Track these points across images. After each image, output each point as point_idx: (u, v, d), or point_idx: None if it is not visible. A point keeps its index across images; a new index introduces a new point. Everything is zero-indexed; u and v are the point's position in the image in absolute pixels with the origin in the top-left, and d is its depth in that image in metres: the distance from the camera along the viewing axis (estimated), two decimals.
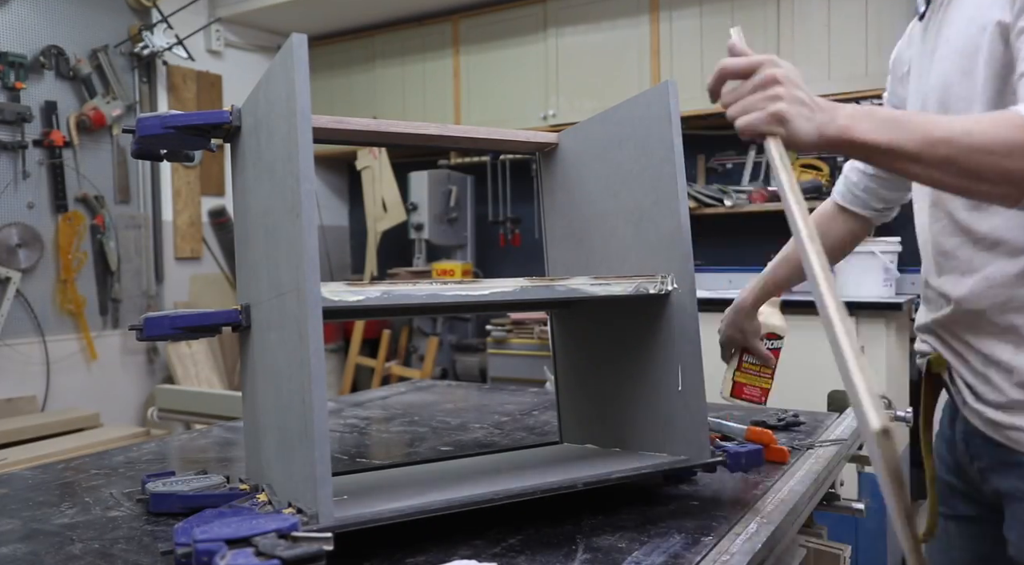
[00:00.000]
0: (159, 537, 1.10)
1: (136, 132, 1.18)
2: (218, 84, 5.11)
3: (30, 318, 4.20)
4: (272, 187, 1.12)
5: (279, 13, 5.02)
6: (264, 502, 1.11)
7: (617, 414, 1.42)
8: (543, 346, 3.96)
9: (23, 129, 4.14)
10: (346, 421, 2.00)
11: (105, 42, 4.50)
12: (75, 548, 1.07)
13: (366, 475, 1.33)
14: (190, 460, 1.61)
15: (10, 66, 4.08)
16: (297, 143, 1.00)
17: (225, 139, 1.27)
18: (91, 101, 4.39)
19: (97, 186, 4.46)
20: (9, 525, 1.17)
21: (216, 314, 1.22)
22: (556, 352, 1.56)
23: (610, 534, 1.09)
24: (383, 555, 1.04)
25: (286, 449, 1.10)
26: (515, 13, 4.79)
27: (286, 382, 1.08)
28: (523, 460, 1.41)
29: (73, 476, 1.46)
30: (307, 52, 1.03)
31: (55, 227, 4.31)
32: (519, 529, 1.12)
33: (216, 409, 3.67)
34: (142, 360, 4.74)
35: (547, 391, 2.47)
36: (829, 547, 1.59)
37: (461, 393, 2.46)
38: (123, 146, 4.54)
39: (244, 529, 0.93)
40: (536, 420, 1.94)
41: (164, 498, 1.19)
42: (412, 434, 1.81)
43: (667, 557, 0.99)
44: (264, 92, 1.14)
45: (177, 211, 4.91)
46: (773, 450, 1.39)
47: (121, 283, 4.58)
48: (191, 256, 4.99)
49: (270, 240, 1.14)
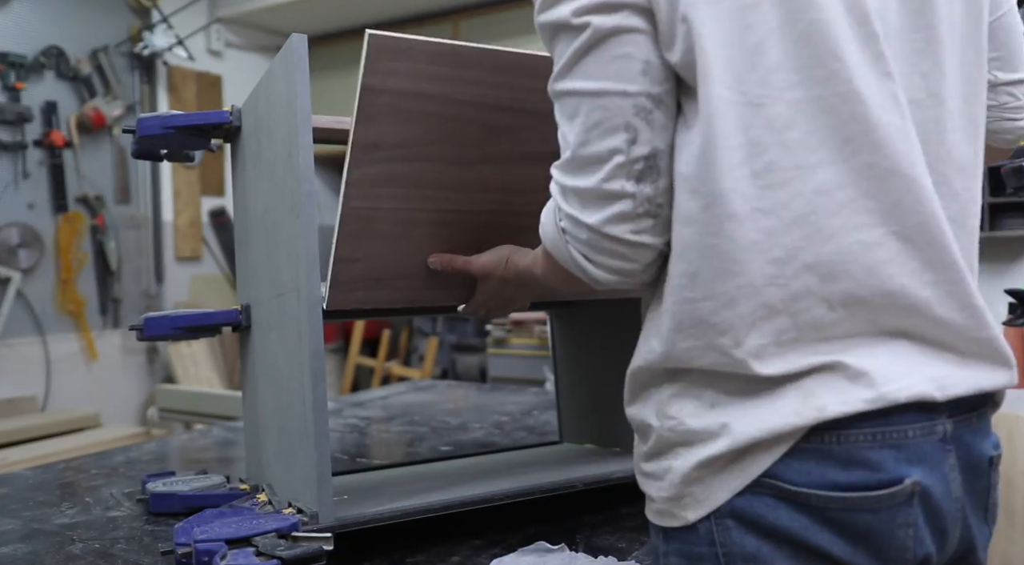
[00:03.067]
0: (159, 537, 1.10)
1: (136, 132, 1.18)
2: (218, 84, 5.11)
3: (30, 318, 4.20)
4: (272, 187, 1.12)
5: (279, 13, 5.02)
6: (264, 502, 1.11)
7: (617, 414, 1.42)
8: (543, 346, 3.96)
9: (23, 129, 4.14)
10: (346, 421, 2.00)
11: (105, 42, 4.50)
12: (75, 548, 1.07)
13: (366, 475, 1.33)
14: (190, 460, 1.61)
15: (10, 66, 4.08)
16: (297, 143, 1.00)
17: (225, 139, 1.27)
18: (91, 101, 4.39)
19: (97, 186, 4.46)
20: (9, 525, 1.18)
21: (216, 314, 1.22)
22: (556, 352, 1.56)
23: (610, 534, 1.09)
24: (383, 555, 1.04)
25: (286, 449, 1.10)
26: (515, 13, 4.78)
27: (286, 382, 1.09)
28: (523, 460, 1.41)
29: (73, 476, 1.47)
30: (307, 52, 1.03)
31: (55, 227, 4.31)
32: (519, 529, 1.12)
33: (216, 409, 3.67)
34: (142, 360, 4.74)
35: (547, 391, 2.47)
36: None
37: (461, 393, 2.46)
38: (123, 146, 4.54)
39: (244, 529, 0.93)
40: (536, 420, 1.94)
41: (164, 498, 1.20)
42: (412, 434, 1.81)
43: None
44: (264, 92, 1.14)
45: (177, 211, 4.91)
46: None
47: (121, 283, 4.58)
48: (191, 256, 4.99)
49: (270, 240, 1.14)
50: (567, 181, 0.69)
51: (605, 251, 0.68)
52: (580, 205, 0.68)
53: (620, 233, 0.67)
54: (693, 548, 0.68)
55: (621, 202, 0.66)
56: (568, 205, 0.69)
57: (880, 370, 0.63)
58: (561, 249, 0.72)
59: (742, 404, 0.65)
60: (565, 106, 0.68)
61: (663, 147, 0.67)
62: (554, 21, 0.67)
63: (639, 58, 0.65)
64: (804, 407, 0.63)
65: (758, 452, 0.64)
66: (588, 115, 0.66)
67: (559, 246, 0.72)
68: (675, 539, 0.70)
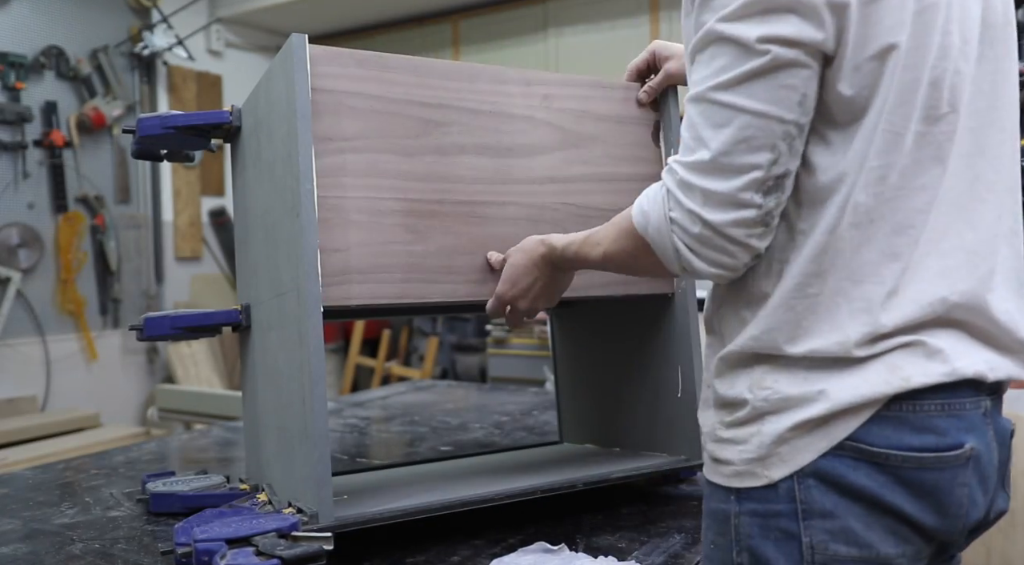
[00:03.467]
0: (159, 537, 1.10)
1: (136, 132, 1.18)
2: (218, 84, 5.11)
3: (30, 318, 4.20)
4: (272, 187, 1.12)
5: (279, 13, 5.02)
6: (264, 502, 1.11)
7: (617, 414, 1.42)
8: (543, 346, 3.96)
9: (23, 129, 4.14)
10: (346, 421, 2.00)
11: (105, 42, 4.50)
12: (75, 548, 1.07)
13: (366, 475, 1.33)
14: (190, 460, 1.61)
15: (10, 66, 4.08)
16: (297, 143, 1.00)
17: (225, 139, 1.27)
18: (91, 101, 4.39)
19: (97, 186, 4.46)
20: (9, 525, 1.18)
21: (216, 314, 1.22)
22: (556, 352, 1.56)
23: (610, 534, 1.09)
24: (383, 555, 1.04)
25: (286, 449, 1.10)
26: (515, 13, 4.78)
27: (286, 382, 1.09)
28: (523, 460, 1.41)
29: (73, 476, 1.47)
30: (307, 52, 1.03)
31: (55, 227, 4.30)
32: (519, 529, 1.12)
33: (216, 409, 3.67)
34: (142, 360, 4.73)
35: (547, 391, 2.47)
36: None
37: (461, 393, 2.46)
38: (123, 146, 4.54)
39: (244, 529, 0.93)
40: (536, 420, 1.94)
41: (164, 498, 1.19)
42: (412, 434, 1.81)
43: (667, 557, 0.99)
44: (264, 92, 1.14)
45: (177, 211, 4.91)
46: None
47: (121, 283, 4.58)
48: (191, 256, 4.98)
49: (270, 240, 1.14)
50: (698, 181, 0.75)
51: (716, 247, 0.76)
52: (704, 203, 0.75)
53: (738, 235, 0.75)
54: (771, 506, 0.77)
55: (748, 210, 0.75)
56: (691, 200, 0.76)
57: (950, 349, 0.74)
58: (664, 235, 0.79)
59: (837, 375, 0.75)
60: (714, 113, 0.75)
61: (792, 169, 0.76)
62: (733, 36, 0.73)
63: (800, 91, 0.73)
64: (892, 377, 0.73)
65: (847, 416, 0.74)
66: (741, 129, 0.73)
67: (662, 233, 0.79)
68: (751, 499, 0.78)
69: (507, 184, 1.18)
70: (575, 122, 1.24)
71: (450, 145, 1.14)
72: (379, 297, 1.07)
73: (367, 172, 1.08)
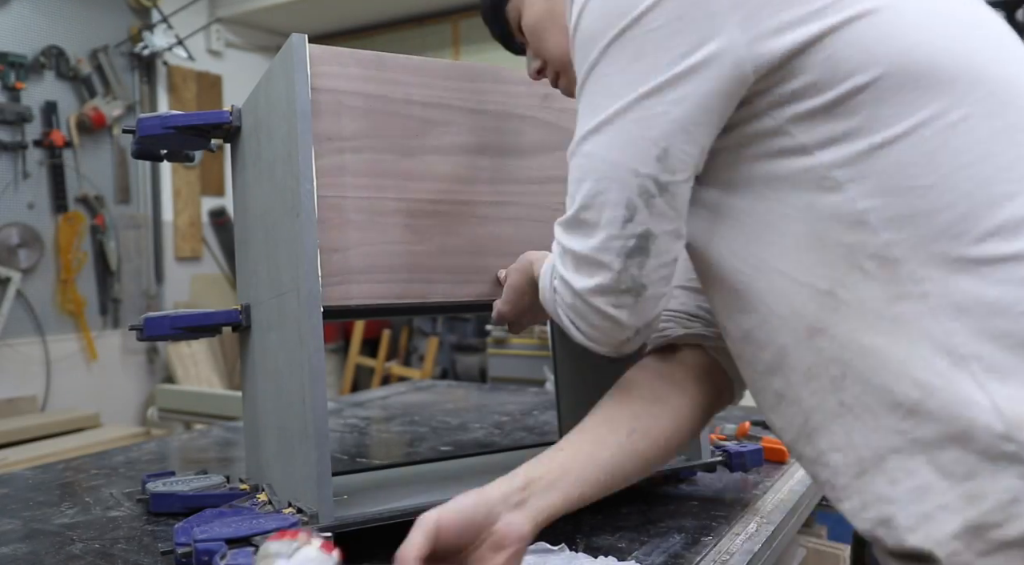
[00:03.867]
0: (159, 537, 1.10)
1: (136, 132, 1.18)
2: (218, 84, 5.11)
3: (30, 318, 4.21)
4: (272, 187, 1.12)
5: (279, 13, 5.02)
6: (264, 502, 1.11)
7: None
8: (543, 346, 3.96)
9: (23, 129, 4.14)
10: (346, 421, 2.00)
11: (105, 42, 4.50)
12: (75, 548, 1.07)
13: (366, 475, 1.33)
14: (190, 460, 1.61)
15: (10, 66, 4.08)
16: (297, 143, 1.00)
17: (225, 139, 1.27)
18: (91, 101, 4.39)
19: (97, 186, 4.46)
20: (9, 525, 1.18)
21: (216, 314, 1.22)
22: (556, 352, 1.56)
23: (610, 534, 1.09)
24: (383, 555, 1.04)
25: (286, 449, 1.10)
26: None
27: (286, 382, 1.09)
28: (523, 460, 1.40)
29: (73, 476, 1.47)
30: (307, 52, 1.03)
31: (55, 227, 4.31)
32: None
33: (216, 409, 3.67)
34: (142, 360, 4.74)
35: (547, 391, 2.47)
36: (829, 547, 1.59)
37: (461, 393, 2.46)
38: (123, 146, 4.54)
39: (244, 529, 0.93)
40: (536, 420, 1.94)
41: (164, 498, 1.19)
42: (412, 434, 1.81)
43: (667, 557, 0.99)
44: (264, 92, 1.14)
45: (177, 211, 4.91)
46: (773, 450, 1.39)
47: (121, 283, 4.58)
48: (191, 256, 4.99)
49: (270, 240, 1.14)
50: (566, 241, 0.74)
51: (584, 317, 0.73)
52: (573, 268, 0.73)
53: (599, 304, 0.70)
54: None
55: (604, 273, 0.69)
56: (563, 266, 0.74)
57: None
58: (549, 305, 0.78)
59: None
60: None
61: (658, 232, 0.69)
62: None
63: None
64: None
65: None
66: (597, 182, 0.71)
67: (547, 302, 0.79)
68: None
69: (507, 184, 1.17)
70: (575, 122, 1.24)
71: (450, 145, 1.14)
72: (379, 297, 1.07)
73: (367, 172, 1.08)
